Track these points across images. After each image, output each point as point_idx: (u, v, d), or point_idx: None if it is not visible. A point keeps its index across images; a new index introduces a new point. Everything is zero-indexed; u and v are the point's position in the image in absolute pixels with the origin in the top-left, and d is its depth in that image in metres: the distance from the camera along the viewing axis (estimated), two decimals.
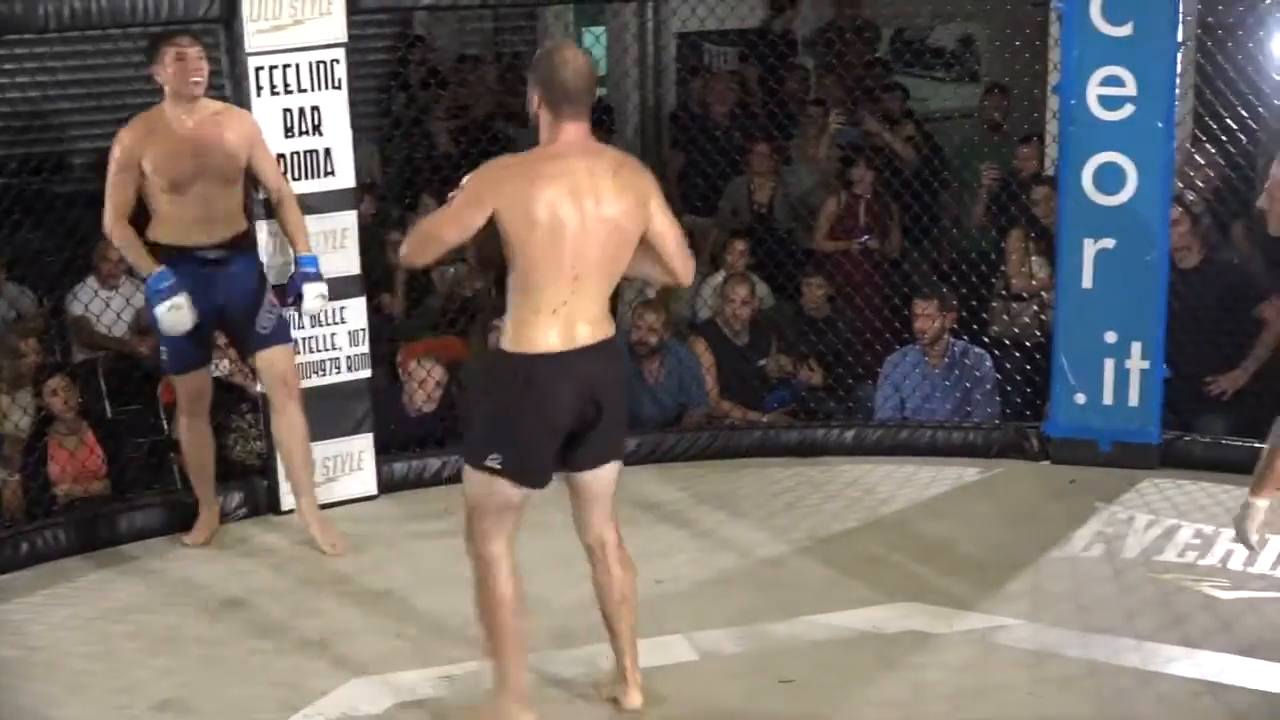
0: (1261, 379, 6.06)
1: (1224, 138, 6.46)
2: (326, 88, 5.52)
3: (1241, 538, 3.77)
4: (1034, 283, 6.71)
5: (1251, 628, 4.54)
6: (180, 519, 5.57)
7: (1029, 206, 6.77)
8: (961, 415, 6.42)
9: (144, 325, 6.51)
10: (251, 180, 5.13)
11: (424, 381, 6.27)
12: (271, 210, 5.23)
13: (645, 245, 3.73)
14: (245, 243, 5.07)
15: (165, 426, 6.34)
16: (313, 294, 5.09)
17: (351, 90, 5.67)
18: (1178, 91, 5.86)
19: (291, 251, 5.16)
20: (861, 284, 7.28)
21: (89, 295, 6.68)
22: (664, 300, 6.83)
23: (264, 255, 5.24)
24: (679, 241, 3.69)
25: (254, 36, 5.29)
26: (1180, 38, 5.76)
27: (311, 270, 5.11)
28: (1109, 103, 5.78)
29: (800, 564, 5.34)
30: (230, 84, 5.55)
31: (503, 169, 3.55)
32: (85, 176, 9.25)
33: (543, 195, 3.41)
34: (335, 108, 5.50)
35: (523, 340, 3.52)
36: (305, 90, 5.47)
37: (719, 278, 7.13)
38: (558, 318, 3.50)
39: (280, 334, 5.03)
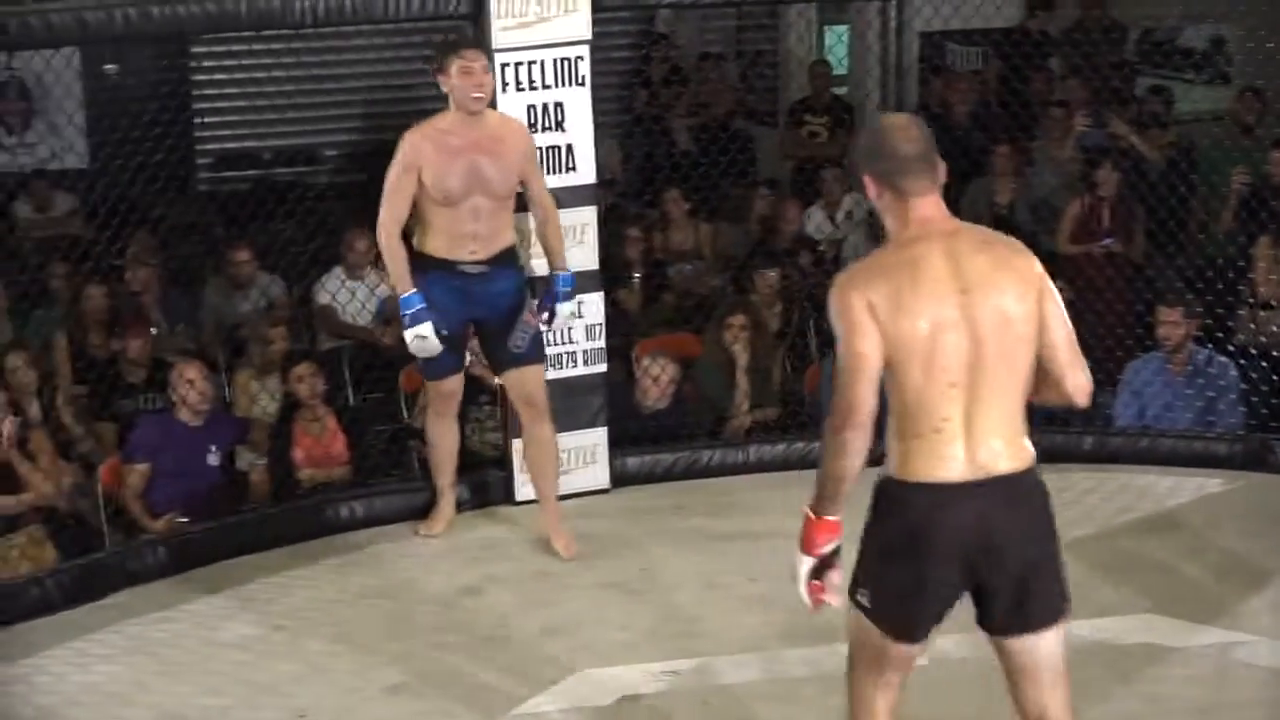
0: None
1: None
2: (571, 84, 5.57)
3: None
4: None
5: None
6: (418, 507, 5.64)
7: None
8: (1204, 425, 6.26)
9: (388, 315, 6.58)
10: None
11: (657, 378, 6.27)
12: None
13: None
14: (510, 257, 5.00)
15: (406, 415, 6.41)
16: (565, 312, 5.05)
17: (595, 87, 5.71)
18: None
19: (545, 266, 5.12)
20: (1104, 288, 7.11)
21: (336, 285, 6.79)
22: None
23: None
24: (1072, 347, 2.91)
25: (500, 33, 5.35)
26: None
27: (567, 289, 5.04)
28: None
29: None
30: None
31: (857, 279, 2.87)
32: (337, 169, 9.65)
33: (891, 292, 2.78)
34: (579, 104, 5.56)
35: (901, 466, 2.89)
36: (550, 87, 5.51)
37: None
38: (941, 439, 2.84)
39: (533, 352, 4.96)
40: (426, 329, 4.74)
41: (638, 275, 7.53)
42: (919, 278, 2.78)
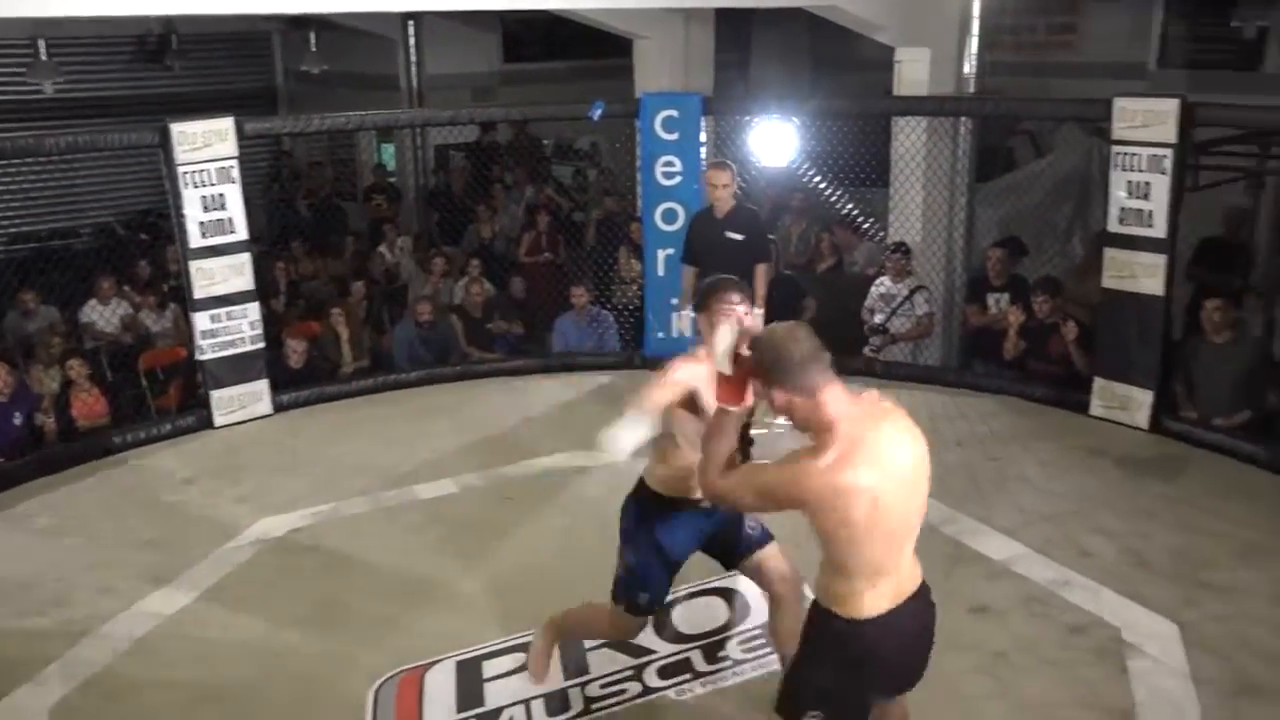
0: None
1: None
2: (228, 182, 6.08)
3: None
4: None
5: None
6: (159, 435, 6.09)
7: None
8: (597, 348, 7.14)
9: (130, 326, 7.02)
10: None
11: (295, 349, 6.81)
12: None
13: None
14: None
15: (145, 383, 6.73)
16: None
17: (246, 182, 6.19)
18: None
19: None
20: (544, 281, 7.57)
21: (91, 309, 7.29)
22: None
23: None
24: None
25: (181, 154, 5.91)
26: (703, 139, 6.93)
27: None
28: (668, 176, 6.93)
29: (530, 431, 6.08)
30: (169, 183, 5.93)
31: (808, 479, 2.43)
32: (89, 238, 10.54)
33: (847, 486, 2.42)
34: (234, 194, 6.09)
35: (848, 606, 2.54)
36: (215, 184, 6.03)
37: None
38: (883, 580, 2.54)
39: (766, 530, 3.51)
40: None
41: (283, 292, 8.11)
42: (861, 456, 2.42)
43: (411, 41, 10.06)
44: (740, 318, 3.09)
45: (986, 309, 7.05)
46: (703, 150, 7.04)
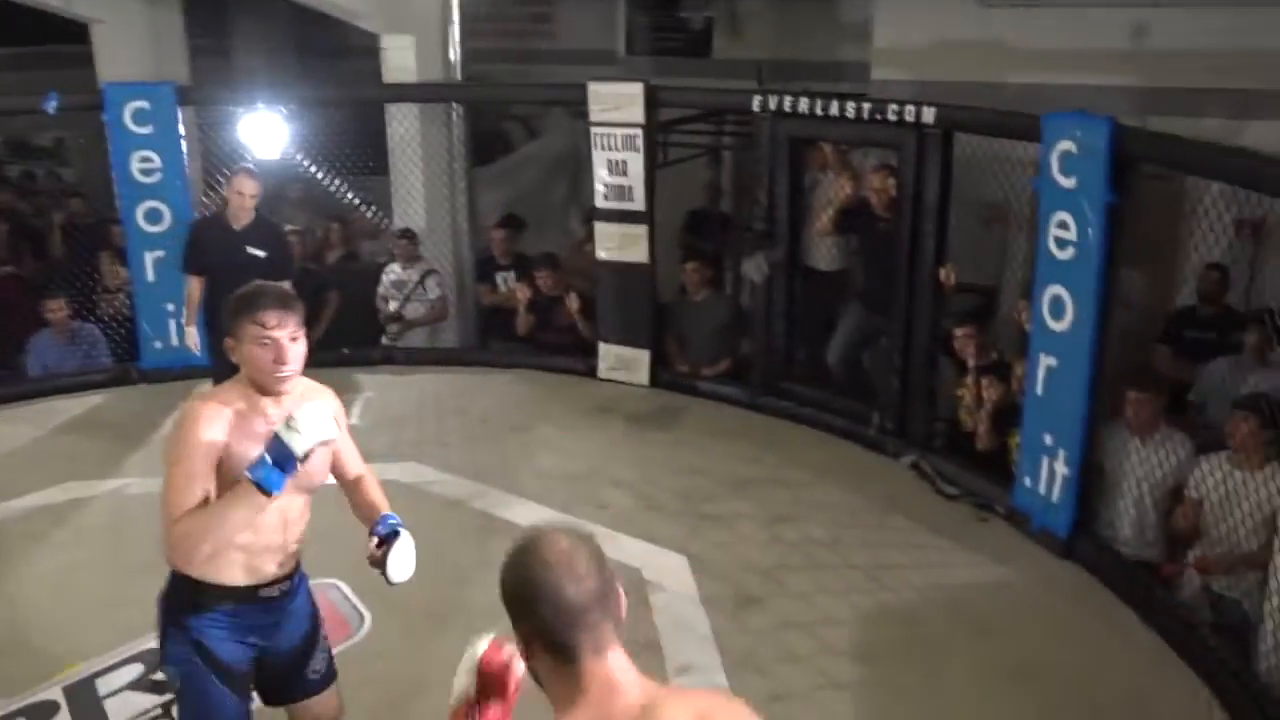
0: None
1: None
2: None
3: None
4: None
5: None
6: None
7: None
8: (87, 365, 6.58)
9: None
10: None
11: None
12: None
13: None
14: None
15: None
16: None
17: None
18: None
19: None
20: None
21: None
22: None
23: None
24: None
25: None
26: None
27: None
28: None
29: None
30: None
31: None
32: None
33: None
34: None
35: None
36: None
37: None
38: None
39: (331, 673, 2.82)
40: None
41: None
42: None
43: None
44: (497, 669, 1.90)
45: (496, 288, 7.31)
46: (183, 144, 6.63)
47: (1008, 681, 3.83)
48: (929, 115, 5.21)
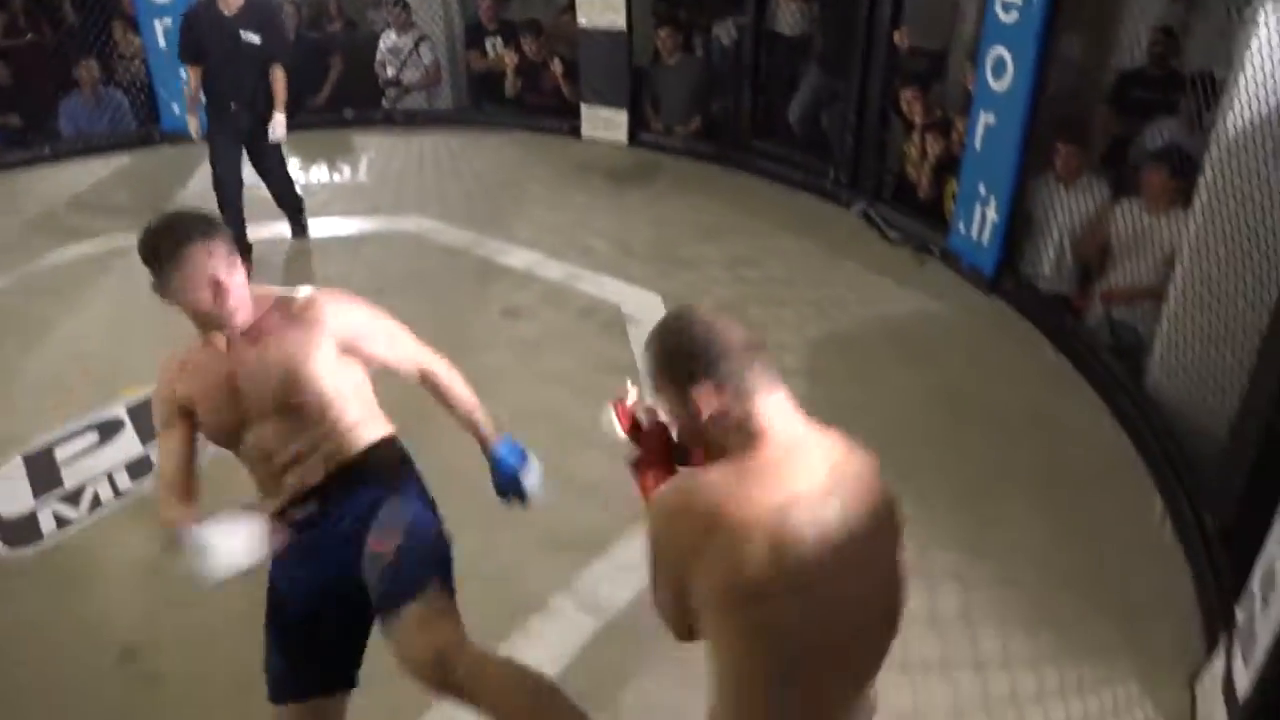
0: None
1: None
2: None
3: None
4: None
5: None
6: None
7: None
8: (113, 127, 6.67)
9: None
10: None
11: None
12: None
13: None
14: None
15: None
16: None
17: None
18: None
19: None
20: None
21: None
22: None
23: None
24: None
25: None
26: None
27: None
28: None
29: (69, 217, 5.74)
30: None
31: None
32: None
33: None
34: None
35: None
36: None
37: None
38: None
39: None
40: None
41: None
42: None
43: None
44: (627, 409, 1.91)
45: (485, 54, 7.55)
46: None
47: (933, 396, 4.11)
48: None
